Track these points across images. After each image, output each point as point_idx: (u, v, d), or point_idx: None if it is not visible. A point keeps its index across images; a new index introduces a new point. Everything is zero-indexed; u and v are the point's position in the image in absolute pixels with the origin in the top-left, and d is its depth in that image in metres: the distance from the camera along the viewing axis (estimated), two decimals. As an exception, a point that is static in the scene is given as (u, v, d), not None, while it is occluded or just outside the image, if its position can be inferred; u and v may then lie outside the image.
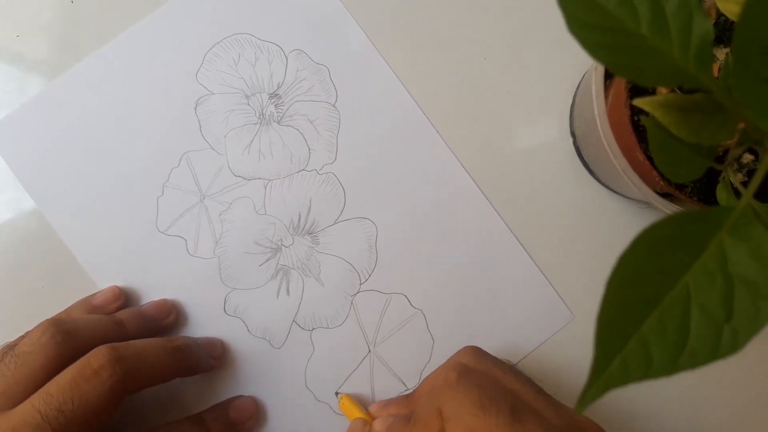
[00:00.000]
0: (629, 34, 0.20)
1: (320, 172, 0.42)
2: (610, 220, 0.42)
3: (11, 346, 0.34)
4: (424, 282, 0.42)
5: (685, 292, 0.19)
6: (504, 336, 0.41)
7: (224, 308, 0.42)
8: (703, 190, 0.31)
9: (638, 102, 0.23)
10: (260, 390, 0.41)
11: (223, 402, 0.40)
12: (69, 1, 0.43)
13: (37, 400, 0.31)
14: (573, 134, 0.42)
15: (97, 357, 0.32)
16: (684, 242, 0.19)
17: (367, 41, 0.43)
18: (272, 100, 0.43)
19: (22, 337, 0.36)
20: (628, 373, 0.19)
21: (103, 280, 0.41)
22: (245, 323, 0.42)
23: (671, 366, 0.18)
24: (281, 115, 0.43)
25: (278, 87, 0.43)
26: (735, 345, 0.18)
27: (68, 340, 0.34)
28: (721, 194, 0.27)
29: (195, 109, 0.42)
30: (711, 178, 0.31)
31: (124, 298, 0.41)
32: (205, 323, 0.41)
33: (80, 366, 0.32)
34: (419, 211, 0.42)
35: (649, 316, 0.19)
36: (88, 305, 0.39)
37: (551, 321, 0.42)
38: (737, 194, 0.27)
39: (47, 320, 0.35)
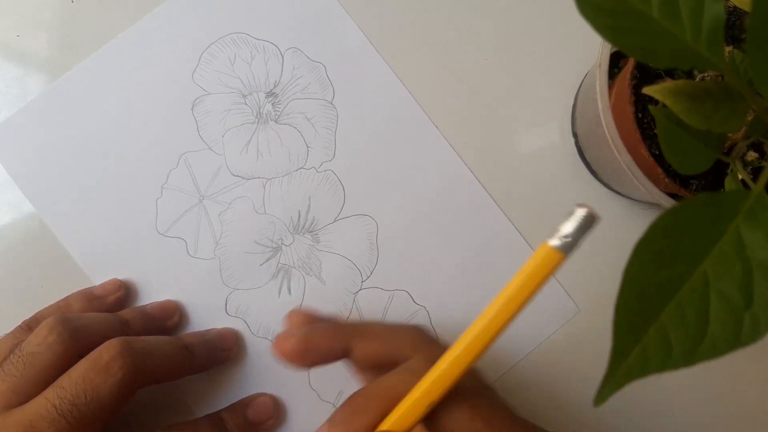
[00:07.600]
0: (640, 17, 0.20)
1: (319, 169, 0.42)
2: (612, 220, 0.41)
3: (17, 344, 0.34)
4: (426, 278, 0.42)
5: (703, 278, 0.18)
6: (510, 330, 0.41)
7: (226, 309, 0.41)
8: (708, 189, 0.31)
9: (648, 90, 0.22)
10: (264, 390, 0.41)
11: (241, 400, 0.40)
12: (69, 1, 0.43)
13: (51, 394, 0.31)
14: (575, 135, 0.42)
15: (108, 349, 0.33)
16: (701, 228, 0.19)
17: (364, 38, 0.43)
18: (269, 99, 0.42)
19: (29, 327, 0.36)
20: (648, 363, 0.18)
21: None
22: (247, 324, 0.41)
23: (692, 355, 0.18)
24: (278, 113, 0.42)
25: (275, 85, 0.42)
26: (756, 332, 0.18)
27: (75, 338, 0.34)
28: (730, 186, 0.26)
29: (192, 109, 0.42)
30: (716, 178, 0.31)
31: (125, 290, 0.40)
32: (206, 325, 0.41)
33: (92, 359, 0.32)
34: (420, 207, 0.42)
35: (667, 304, 0.18)
36: (89, 295, 0.39)
37: (557, 314, 0.41)
38: (746, 187, 0.27)
39: (54, 317, 0.34)
